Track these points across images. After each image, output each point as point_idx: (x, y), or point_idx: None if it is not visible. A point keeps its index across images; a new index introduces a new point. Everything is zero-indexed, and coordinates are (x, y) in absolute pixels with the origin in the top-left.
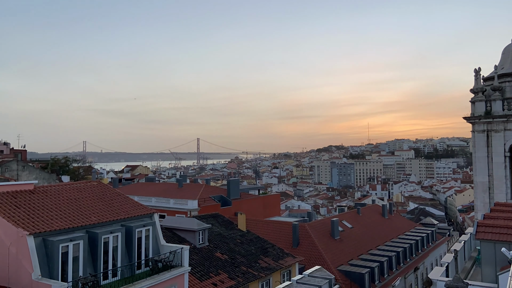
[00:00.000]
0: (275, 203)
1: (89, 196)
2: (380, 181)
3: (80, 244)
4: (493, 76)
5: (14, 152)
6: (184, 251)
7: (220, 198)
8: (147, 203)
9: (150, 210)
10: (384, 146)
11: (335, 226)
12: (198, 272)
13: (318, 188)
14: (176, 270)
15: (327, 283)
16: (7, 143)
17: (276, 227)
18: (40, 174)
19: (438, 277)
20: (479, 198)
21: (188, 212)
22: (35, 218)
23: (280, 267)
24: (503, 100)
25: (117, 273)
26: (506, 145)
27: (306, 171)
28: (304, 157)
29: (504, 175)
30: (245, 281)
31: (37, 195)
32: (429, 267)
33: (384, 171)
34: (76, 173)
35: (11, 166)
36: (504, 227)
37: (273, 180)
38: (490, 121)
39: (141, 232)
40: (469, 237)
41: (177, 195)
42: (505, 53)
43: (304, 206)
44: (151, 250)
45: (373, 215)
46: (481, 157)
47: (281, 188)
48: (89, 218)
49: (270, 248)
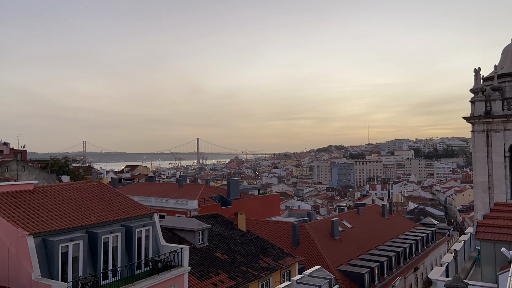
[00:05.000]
0: (275, 203)
1: (89, 196)
2: (380, 181)
3: (80, 244)
4: (493, 76)
5: (14, 152)
6: (184, 251)
7: (220, 198)
8: (147, 203)
9: (150, 210)
10: (384, 146)
11: (335, 226)
12: (198, 272)
13: (318, 188)
14: (176, 270)
15: (327, 283)
16: (7, 143)
17: (276, 227)
18: (40, 174)
19: (438, 277)
20: (479, 198)
21: (188, 212)
22: (35, 218)
23: (280, 267)
24: (503, 100)
25: (117, 273)
26: (506, 145)
27: (306, 171)
28: (304, 157)
29: (504, 175)
30: (245, 281)
31: (37, 195)
32: (429, 267)
33: (384, 171)
34: (76, 173)
35: (11, 166)
36: (504, 227)
37: (273, 180)
38: (490, 121)
39: (141, 232)
40: (469, 237)
41: (177, 195)
42: (504, 53)
43: (304, 206)
44: (151, 250)
45: (373, 215)
46: (481, 157)
47: (281, 188)
48: (89, 218)
49: (270, 248)
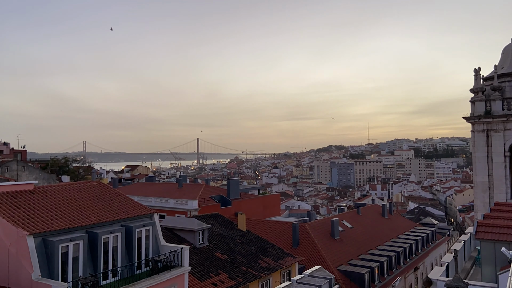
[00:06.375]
0: (275, 203)
1: (89, 196)
2: (380, 181)
3: (80, 244)
4: (493, 76)
5: (14, 152)
6: (184, 251)
7: (220, 198)
8: (147, 203)
9: (150, 210)
10: (384, 146)
11: (335, 226)
12: (198, 272)
13: (318, 188)
14: (176, 270)
15: (327, 283)
16: (7, 143)
17: (276, 227)
18: (40, 174)
19: (438, 277)
20: (479, 198)
21: (188, 212)
22: (35, 218)
23: (280, 267)
24: (502, 100)
25: (117, 273)
26: (506, 145)
27: (306, 171)
28: (304, 157)
29: (504, 175)
30: (245, 281)
31: (37, 195)
32: (429, 267)
33: (384, 171)
34: (76, 173)
35: (11, 166)
36: (504, 227)
37: (273, 180)
38: (490, 121)
39: (141, 232)
40: (469, 237)
41: (177, 195)
42: (504, 53)
43: (304, 206)
44: (151, 250)
45: (373, 215)
46: (481, 157)
47: (281, 188)
48: (89, 218)
49: (270, 248)
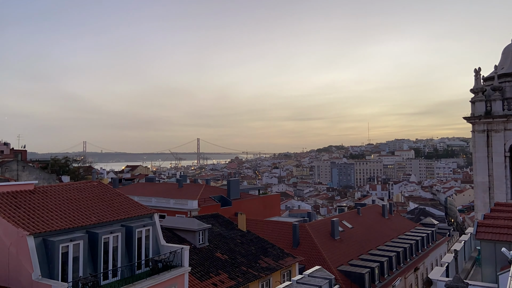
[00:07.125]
0: (275, 203)
1: (89, 196)
2: (380, 181)
3: (80, 244)
4: (493, 76)
5: (14, 152)
6: (184, 251)
7: (220, 198)
8: (147, 203)
9: (150, 210)
10: (384, 146)
11: (335, 226)
12: (198, 272)
13: (318, 188)
14: (176, 270)
15: (327, 283)
16: (7, 143)
17: (276, 227)
18: (40, 174)
19: (438, 277)
20: (479, 198)
21: (188, 212)
22: (35, 218)
23: (280, 267)
24: (503, 100)
25: (117, 273)
26: (506, 145)
27: (306, 171)
28: (304, 157)
29: (504, 175)
30: (245, 281)
31: (37, 195)
32: (429, 267)
33: (384, 171)
34: (76, 173)
35: (11, 166)
36: (504, 227)
37: (273, 180)
38: (490, 121)
39: (141, 232)
40: (469, 237)
41: (177, 195)
42: (505, 53)
43: (304, 206)
44: (151, 250)
45: (373, 215)
46: (481, 157)
47: (281, 188)
48: (89, 218)
49: (270, 248)
